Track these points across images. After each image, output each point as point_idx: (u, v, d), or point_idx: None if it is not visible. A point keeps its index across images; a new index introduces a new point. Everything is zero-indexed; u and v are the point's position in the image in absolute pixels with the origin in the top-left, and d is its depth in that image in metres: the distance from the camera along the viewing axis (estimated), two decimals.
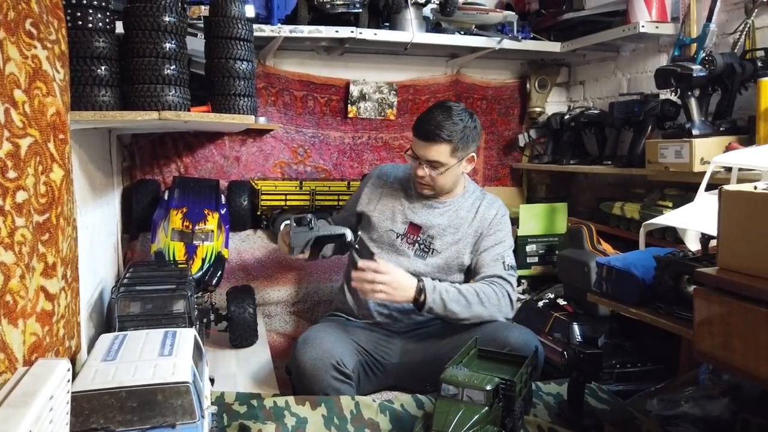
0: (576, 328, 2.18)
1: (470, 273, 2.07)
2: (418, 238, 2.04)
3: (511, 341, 1.82)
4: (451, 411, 1.40)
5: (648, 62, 2.84)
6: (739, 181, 1.69)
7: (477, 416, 1.39)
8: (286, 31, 2.59)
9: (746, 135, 2.10)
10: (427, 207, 2.06)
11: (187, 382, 1.11)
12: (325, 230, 1.90)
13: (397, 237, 2.04)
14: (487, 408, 1.41)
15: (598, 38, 2.78)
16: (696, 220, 1.64)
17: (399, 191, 2.11)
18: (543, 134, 3.25)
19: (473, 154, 2.01)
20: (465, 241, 2.04)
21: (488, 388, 1.42)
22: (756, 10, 2.17)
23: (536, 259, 2.89)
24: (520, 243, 2.85)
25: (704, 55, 2.19)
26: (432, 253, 2.03)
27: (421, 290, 1.84)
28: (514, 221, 2.89)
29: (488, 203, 2.08)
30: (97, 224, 2.09)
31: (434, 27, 2.95)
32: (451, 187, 2.05)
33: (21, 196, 1.03)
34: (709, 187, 1.70)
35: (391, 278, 1.82)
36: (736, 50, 2.24)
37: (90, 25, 1.54)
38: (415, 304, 1.87)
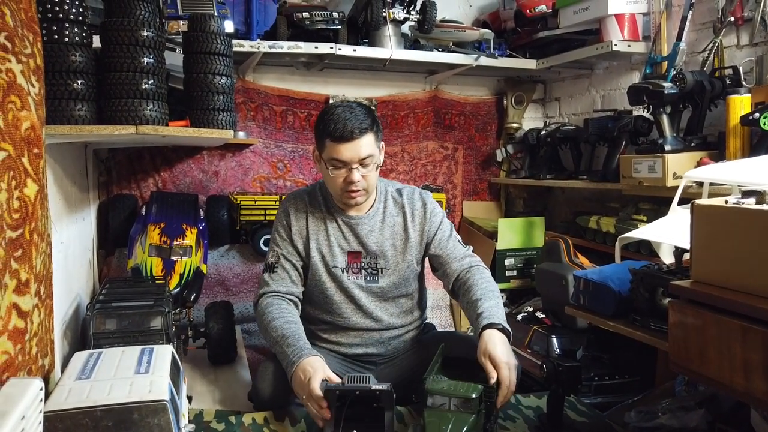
0: (555, 341, 2.19)
1: (437, 267, 1.94)
2: (362, 264, 1.88)
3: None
4: (442, 421, 1.41)
5: (621, 79, 2.90)
6: (711, 195, 1.73)
7: (467, 425, 1.39)
8: (265, 46, 2.60)
9: (716, 150, 2.16)
10: (352, 229, 1.89)
11: (164, 401, 1.10)
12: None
13: (343, 271, 1.86)
14: (475, 415, 1.42)
15: (572, 56, 2.85)
16: (670, 233, 1.67)
17: (320, 220, 1.90)
18: (520, 149, 3.30)
19: (382, 141, 1.89)
20: (412, 250, 1.91)
21: (474, 396, 1.43)
22: (724, 29, 2.25)
23: (515, 273, 2.91)
24: (498, 256, 2.87)
25: (675, 72, 2.25)
26: (382, 273, 1.89)
27: (509, 334, 1.68)
28: (493, 235, 2.93)
29: (409, 198, 1.94)
30: (73, 240, 2.05)
31: (413, 44, 2.99)
32: (375, 183, 1.89)
33: None
34: (681, 202, 1.73)
35: (514, 374, 1.60)
36: (705, 68, 2.30)
37: (66, 39, 1.53)
38: None
